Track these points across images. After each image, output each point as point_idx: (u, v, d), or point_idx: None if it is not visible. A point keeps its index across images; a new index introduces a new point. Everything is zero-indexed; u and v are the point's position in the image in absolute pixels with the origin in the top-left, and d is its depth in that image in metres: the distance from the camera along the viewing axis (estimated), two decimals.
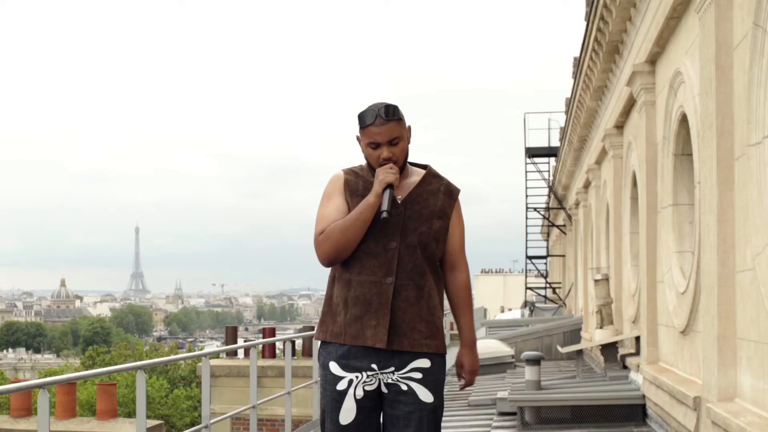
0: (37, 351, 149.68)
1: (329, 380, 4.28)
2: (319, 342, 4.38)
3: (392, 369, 4.23)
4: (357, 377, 4.23)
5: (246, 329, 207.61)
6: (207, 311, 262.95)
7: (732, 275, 6.21)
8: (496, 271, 74.57)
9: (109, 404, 15.92)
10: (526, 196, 30.97)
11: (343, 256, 4.22)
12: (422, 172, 4.39)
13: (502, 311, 47.42)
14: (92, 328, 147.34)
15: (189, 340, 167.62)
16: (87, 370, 59.23)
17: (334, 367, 4.26)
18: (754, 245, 5.66)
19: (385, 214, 4.12)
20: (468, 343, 4.42)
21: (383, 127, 4.20)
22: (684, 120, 8.33)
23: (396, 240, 4.21)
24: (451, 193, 4.36)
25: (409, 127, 4.32)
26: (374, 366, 4.22)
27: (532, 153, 30.38)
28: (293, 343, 19.63)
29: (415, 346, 4.22)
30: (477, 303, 64.98)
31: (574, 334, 20.08)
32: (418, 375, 4.24)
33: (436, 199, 4.32)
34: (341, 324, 4.25)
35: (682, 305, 8.17)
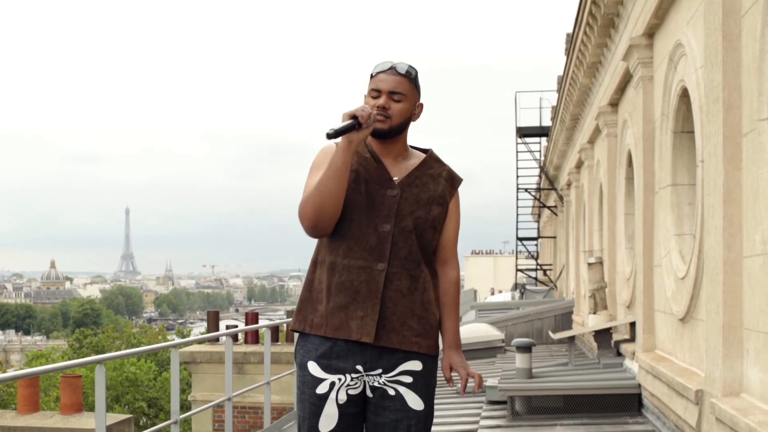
0: (27, 333, 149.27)
1: (308, 383, 3.76)
2: (297, 334, 3.85)
3: (379, 371, 3.73)
4: (340, 380, 3.72)
5: (236, 310, 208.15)
6: (197, 292, 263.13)
7: (739, 260, 5.75)
8: (486, 252, 74.23)
9: (73, 398, 15.31)
10: (517, 176, 30.56)
11: (327, 218, 3.68)
12: (423, 155, 3.96)
13: (492, 293, 47.09)
14: (82, 310, 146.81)
15: (179, 321, 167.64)
16: (75, 352, 59.01)
17: (314, 368, 3.74)
18: (765, 228, 5.20)
19: (329, 130, 3.58)
20: (456, 344, 3.93)
21: (392, 77, 3.79)
22: (684, 95, 7.87)
23: (390, 222, 3.75)
24: (453, 180, 3.95)
25: (421, 105, 3.89)
26: (359, 367, 3.72)
27: (523, 132, 29.96)
28: (276, 329, 19.30)
29: (404, 344, 3.72)
30: (467, 284, 64.80)
31: (565, 318, 19.74)
32: (408, 379, 3.75)
33: (437, 184, 3.90)
34: (323, 313, 3.74)
35: (682, 291, 7.73)
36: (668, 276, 8.35)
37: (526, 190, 30.81)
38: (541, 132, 29.57)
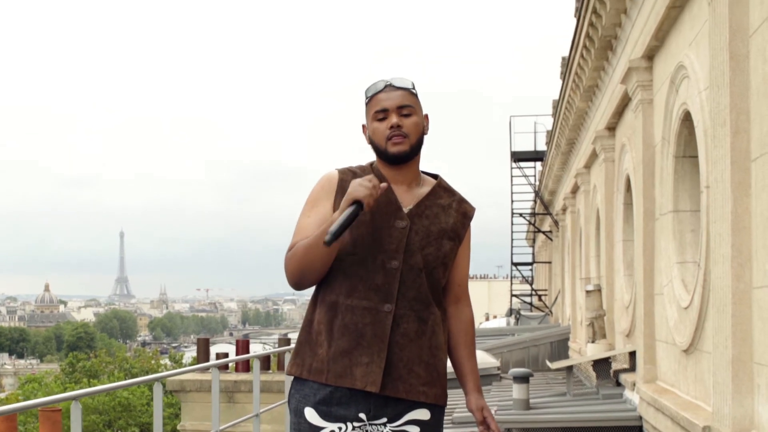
0: (21, 356, 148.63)
1: (304, 431, 3.37)
2: (291, 378, 3.47)
3: (384, 420, 3.35)
4: (340, 429, 3.33)
5: (231, 334, 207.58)
6: (191, 316, 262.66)
7: (748, 291, 5.49)
8: (480, 277, 73.90)
9: None
10: (512, 201, 30.36)
11: (309, 280, 3.37)
12: (432, 182, 3.56)
13: (487, 319, 46.78)
14: (76, 334, 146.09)
15: (173, 345, 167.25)
16: (67, 376, 58.65)
17: (311, 415, 3.35)
18: None
19: (327, 237, 3.15)
20: (479, 388, 3.58)
21: (393, 92, 3.41)
22: (687, 119, 7.63)
23: (398, 258, 3.36)
24: (465, 213, 3.56)
25: (426, 116, 3.51)
26: (362, 416, 3.33)
27: (518, 157, 29.79)
28: (268, 358, 18.95)
29: (411, 393, 3.35)
30: None
31: (561, 345, 19.50)
32: (415, 429, 3.37)
33: (448, 216, 3.50)
34: (323, 358, 3.35)
35: (685, 321, 7.47)
36: (670, 305, 8.09)
37: (520, 214, 30.59)
38: (535, 156, 29.39)
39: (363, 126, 3.49)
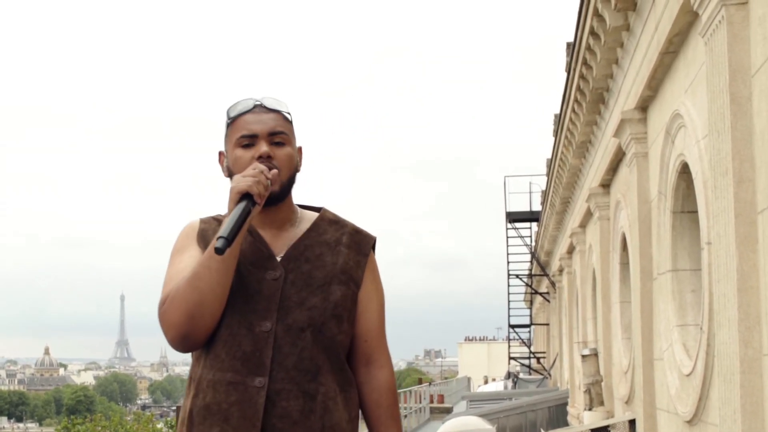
0: (20, 420, 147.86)
1: None
2: None
3: None
4: None
5: None
6: None
7: (758, 359, 4.92)
8: (479, 339, 73.54)
9: None
10: (508, 262, 29.91)
11: (203, 327, 2.65)
12: (314, 216, 2.89)
13: (486, 381, 46.22)
14: (75, 397, 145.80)
15: (173, 408, 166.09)
16: None
17: None
18: None
19: (219, 243, 2.51)
20: None
21: (265, 115, 2.76)
22: (684, 171, 7.12)
23: (271, 318, 2.67)
24: (359, 245, 2.84)
25: (300, 149, 2.86)
26: None
27: (513, 218, 29.44)
28: None
29: None
30: (461, 372, 64.01)
31: (559, 410, 18.96)
32: None
33: (336, 254, 2.79)
34: None
35: (688, 390, 6.88)
36: (671, 371, 7.52)
37: (517, 276, 30.17)
38: (531, 217, 29.07)
39: (220, 153, 2.85)
